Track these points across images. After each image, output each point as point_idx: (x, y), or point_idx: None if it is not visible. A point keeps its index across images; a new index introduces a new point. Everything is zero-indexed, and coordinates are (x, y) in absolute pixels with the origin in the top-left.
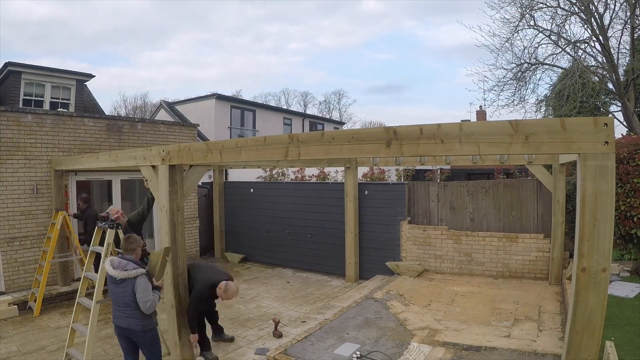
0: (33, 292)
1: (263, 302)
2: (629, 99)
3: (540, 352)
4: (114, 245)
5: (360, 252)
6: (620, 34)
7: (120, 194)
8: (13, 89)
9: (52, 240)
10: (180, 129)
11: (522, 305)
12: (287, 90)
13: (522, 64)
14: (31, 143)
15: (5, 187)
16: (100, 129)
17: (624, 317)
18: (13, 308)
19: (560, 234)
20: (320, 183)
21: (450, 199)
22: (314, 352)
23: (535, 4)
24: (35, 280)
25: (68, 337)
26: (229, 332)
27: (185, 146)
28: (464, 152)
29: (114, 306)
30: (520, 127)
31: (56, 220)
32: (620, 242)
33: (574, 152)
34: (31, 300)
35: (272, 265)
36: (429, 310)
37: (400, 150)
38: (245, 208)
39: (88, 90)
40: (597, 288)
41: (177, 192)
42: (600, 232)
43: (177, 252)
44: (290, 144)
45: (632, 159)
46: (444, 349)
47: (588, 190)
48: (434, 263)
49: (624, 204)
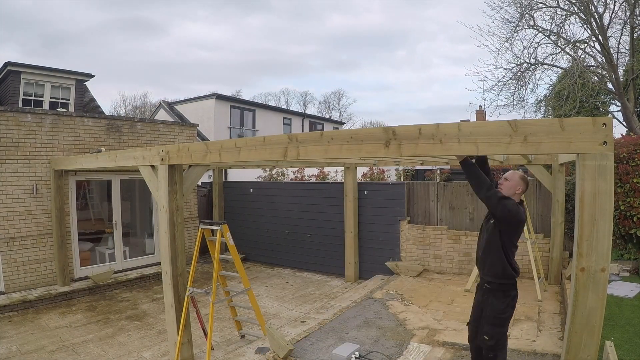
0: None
1: (263, 301)
2: (629, 99)
3: (540, 352)
4: None
5: (360, 252)
6: (620, 34)
7: (120, 194)
8: (12, 89)
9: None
10: (179, 128)
11: (522, 305)
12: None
13: (521, 63)
14: (31, 143)
15: (5, 187)
16: (99, 129)
17: (623, 317)
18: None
19: (559, 233)
20: (319, 183)
21: (450, 199)
22: (313, 352)
23: (535, 4)
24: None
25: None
26: (229, 332)
27: (185, 146)
28: (463, 152)
29: None
30: (519, 127)
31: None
32: (620, 242)
33: (573, 152)
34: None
35: (272, 265)
36: (429, 310)
37: (399, 150)
38: (245, 208)
39: (88, 89)
40: (596, 288)
41: (176, 192)
42: (599, 232)
43: (177, 252)
44: (290, 144)
45: (632, 159)
46: (443, 348)
47: (587, 190)
48: (434, 263)
49: (624, 204)
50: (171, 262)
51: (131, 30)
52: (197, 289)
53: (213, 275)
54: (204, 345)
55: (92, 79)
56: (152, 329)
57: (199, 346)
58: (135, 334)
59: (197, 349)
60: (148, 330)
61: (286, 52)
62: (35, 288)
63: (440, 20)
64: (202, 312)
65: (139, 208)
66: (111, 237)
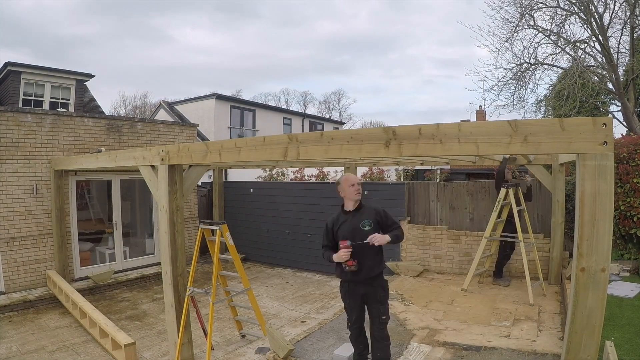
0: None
1: (263, 301)
2: (629, 99)
3: (540, 352)
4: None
5: None
6: (620, 33)
7: (120, 194)
8: (13, 89)
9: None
10: (179, 128)
11: (522, 305)
12: (287, 90)
13: (521, 63)
14: (31, 143)
15: (5, 187)
16: (99, 129)
17: (623, 317)
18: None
19: (559, 233)
20: (319, 183)
21: (450, 199)
22: (313, 352)
23: (535, 4)
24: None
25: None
26: (229, 332)
27: (185, 146)
28: (463, 152)
29: None
30: (519, 127)
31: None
32: (620, 242)
33: (573, 152)
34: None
35: (272, 265)
36: (429, 310)
37: (399, 150)
38: (245, 208)
39: (88, 90)
40: (597, 288)
41: (176, 192)
42: (599, 232)
43: (177, 252)
44: (290, 144)
45: (632, 159)
46: (443, 348)
47: (587, 190)
48: (434, 263)
49: (624, 204)
50: (171, 262)
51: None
52: (197, 289)
53: (213, 275)
54: (204, 345)
55: (92, 79)
56: (152, 329)
57: (199, 346)
58: (135, 334)
59: (197, 349)
60: (148, 330)
61: (281, 57)
62: (35, 288)
63: (426, 25)
64: (202, 312)
65: (139, 208)
66: (111, 237)
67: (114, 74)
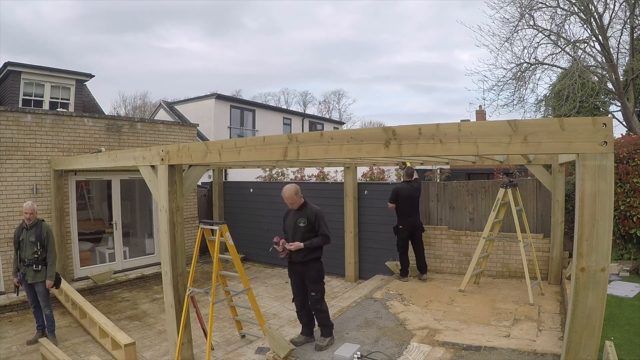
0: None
1: (263, 301)
2: (629, 99)
3: (540, 352)
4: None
5: (360, 252)
6: (620, 33)
7: (120, 194)
8: (12, 89)
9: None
10: (179, 128)
11: (522, 304)
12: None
13: (521, 63)
14: (31, 143)
15: (4, 187)
16: (99, 129)
17: (623, 317)
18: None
19: (559, 233)
20: (319, 183)
21: (450, 199)
22: (313, 352)
23: (535, 4)
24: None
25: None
26: (229, 332)
27: (185, 146)
28: (463, 152)
29: None
30: (519, 127)
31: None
32: (620, 242)
33: (573, 152)
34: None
35: (272, 265)
36: (429, 310)
37: (399, 150)
38: (245, 208)
39: (87, 90)
40: (596, 288)
41: (176, 192)
42: (599, 232)
43: (177, 252)
44: (290, 144)
45: (632, 159)
46: (443, 348)
47: (587, 190)
48: (434, 263)
49: (624, 204)
50: (171, 262)
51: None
52: (197, 289)
53: (213, 275)
54: (204, 345)
55: (92, 79)
56: (152, 329)
57: (199, 346)
58: (135, 334)
59: (197, 349)
60: (148, 330)
61: (274, 63)
62: None
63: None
64: (202, 312)
65: (139, 208)
66: (111, 237)
67: (114, 74)
